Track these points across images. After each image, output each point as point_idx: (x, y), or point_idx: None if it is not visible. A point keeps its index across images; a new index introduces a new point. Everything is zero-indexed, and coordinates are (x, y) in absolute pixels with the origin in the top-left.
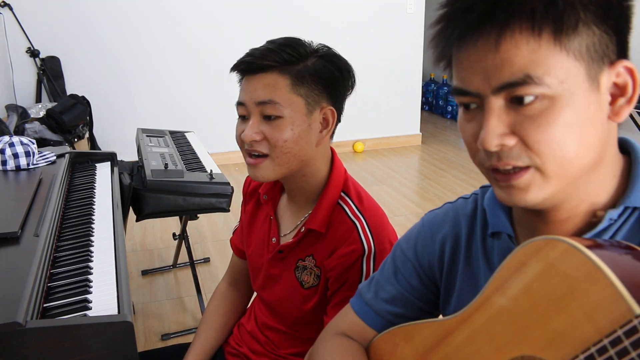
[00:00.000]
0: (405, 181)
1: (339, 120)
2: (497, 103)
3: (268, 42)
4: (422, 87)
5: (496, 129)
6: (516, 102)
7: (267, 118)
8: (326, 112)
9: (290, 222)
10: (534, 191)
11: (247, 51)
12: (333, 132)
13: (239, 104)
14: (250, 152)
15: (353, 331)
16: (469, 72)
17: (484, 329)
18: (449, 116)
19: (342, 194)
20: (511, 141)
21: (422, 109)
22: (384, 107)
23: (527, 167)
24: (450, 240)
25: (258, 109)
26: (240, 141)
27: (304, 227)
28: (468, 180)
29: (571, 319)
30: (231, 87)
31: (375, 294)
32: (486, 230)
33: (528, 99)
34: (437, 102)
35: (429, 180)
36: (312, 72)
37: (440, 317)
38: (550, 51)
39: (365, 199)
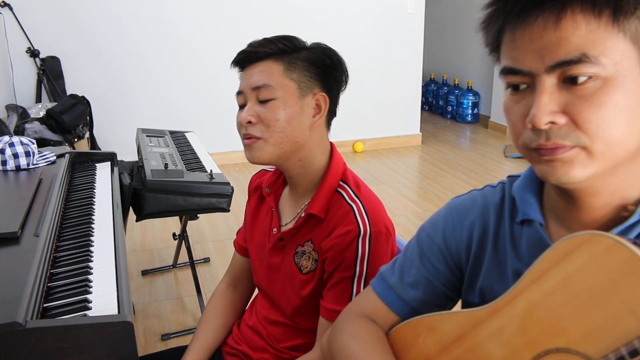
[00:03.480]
0: (405, 181)
1: (334, 114)
2: (549, 81)
3: (265, 37)
4: (422, 87)
5: (548, 106)
6: (569, 82)
7: (263, 102)
8: (318, 97)
9: (290, 212)
10: (578, 168)
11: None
12: (330, 123)
13: (238, 93)
14: (246, 135)
15: (376, 314)
16: (523, 50)
17: (516, 320)
18: (449, 116)
19: (341, 182)
20: (561, 120)
21: (422, 109)
22: (384, 107)
23: (573, 146)
24: (478, 227)
25: (254, 94)
26: (239, 126)
27: (304, 213)
28: (468, 180)
29: (612, 313)
30: (231, 87)
31: (400, 278)
32: (514, 218)
33: (581, 79)
34: (437, 102)
35: (429, 180)
36: (305, 59)
37: (459, 308)
38: (608, 32)
39: (362, 187)
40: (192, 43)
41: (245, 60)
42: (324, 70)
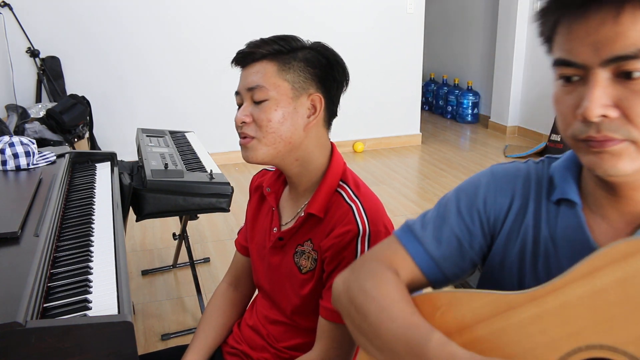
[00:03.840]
0: (405, 181)
1: (335, 114)
2: (603, 75)
3: (262, 37)
4: (422, 87)
5: (600, 99)
6: (623, 77)
7: (257, 103)
8: (314, 98)
9: (290, 212)
10: (626, 161)
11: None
12: (330, 123)
13: (236, 93)
14: (241, 134)
15: (399, 265)
16: (578, 43)
17: (558, 311)
18: (449, 116)
19: (341, 182)
20: (613, 113)
21: (422, 109)
22: (384, 107)
23: (623, 139)
24: (519, 198)
25: (249, 95)
26: (236, 126)
27: (303, 212)
28: None
29: None
30: (231, 87)
31: (430, 232)
32: (550, 197)
33: (636, 74)
34: (437, 102)
35: (429, 180)
36: (300, 60)
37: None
38: None
39: (362, 187)
40: (192, 43)
41: (242, 60)
42: (321, 70)
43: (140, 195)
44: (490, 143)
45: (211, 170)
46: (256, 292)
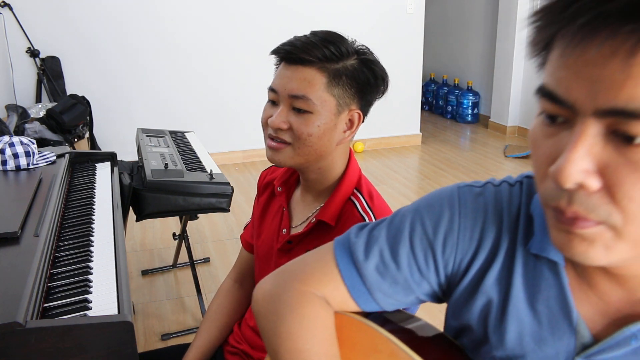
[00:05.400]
0: (405, 181)
1: (362, 121)
2: (594, 128)
3: (311, 32)
4: (422, 87)
5: (581, 162)
6: (621, 138)
7: (297, 110)
8: (353, 114)
9: (302, 214)
10: (599, 249)
11: (290, 38)
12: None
13: (271, 89)
14: (274, 137)
15: (334, 296)
16: (572, 74)
17: None
18: (449, 116)
19: (355, 190)
20: (594, 183)
21: (422, 109)
22: (384, 107)
23: (599, 222)
24: (490, 239)
25: (289, 100)
26: (265, 123)
27: (314, 219)
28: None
29: None
30: (231, 88)
31: (374, 268)
32: (527, 243)
33: (638, 140)
34: (437, 102)
35: (429, 180)
36: (349, 74)
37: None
38: None
39: (376, 198)
40: (193, 42)
41: (285, 58)
42: (366, 87)
43: (140, 195)
44: (490, 143)
45: (211, 170)
46: None
